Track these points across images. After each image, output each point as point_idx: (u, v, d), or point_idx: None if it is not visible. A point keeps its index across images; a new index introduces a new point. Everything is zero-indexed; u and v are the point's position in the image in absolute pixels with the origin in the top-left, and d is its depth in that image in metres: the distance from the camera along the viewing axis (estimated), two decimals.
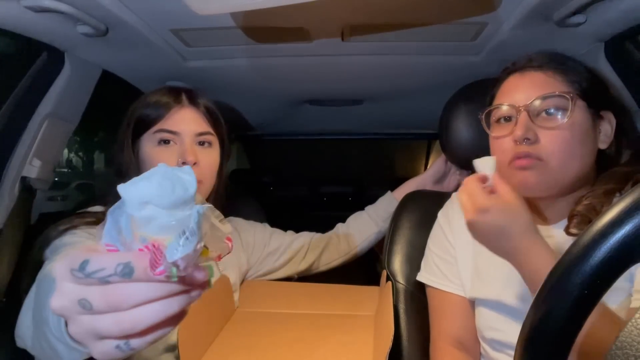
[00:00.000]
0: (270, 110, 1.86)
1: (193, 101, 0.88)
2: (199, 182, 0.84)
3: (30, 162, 1.01)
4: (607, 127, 0.72)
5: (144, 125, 0.85)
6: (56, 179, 1.17)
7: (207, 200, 0.91)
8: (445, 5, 0.87)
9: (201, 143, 0.87)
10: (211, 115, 0.90)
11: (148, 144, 0.85)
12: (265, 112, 1.90)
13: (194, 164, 0.83)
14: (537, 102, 0.69)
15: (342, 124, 2.16)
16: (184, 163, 0.83)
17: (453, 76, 1.21)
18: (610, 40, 0.93)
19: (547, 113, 0.69)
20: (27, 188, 1.01)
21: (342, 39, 1.04)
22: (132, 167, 0.85)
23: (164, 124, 0.84)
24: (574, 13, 0.83)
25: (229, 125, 0.96)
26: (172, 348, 0.82)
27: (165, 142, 0.84)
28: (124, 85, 1.28)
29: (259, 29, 0.99)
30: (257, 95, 1.60)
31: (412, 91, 1.52)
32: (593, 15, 0.85)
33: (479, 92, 0.89)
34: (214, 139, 0.90)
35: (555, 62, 0.72)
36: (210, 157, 0.88)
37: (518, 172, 0.70)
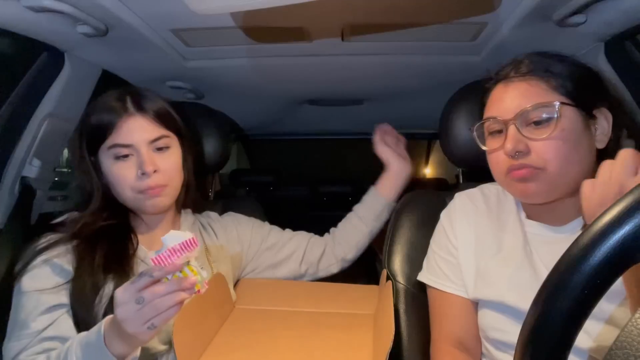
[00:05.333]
0: (270, 110, 1.86)
1: (140, 107, 0.85)
2: (165, 186, 0.85)
3: (30, 162, 1.01)
4: (604, 124, 0.71)
5: (95, 139, 0.84)
6: (56, 179, 1.16)
7: (180, 195, 0.92)
8: (445, 5, 0.87)
9: (158, 149, 0.86)
10: (161, 118, 0.87)
11: (106, 159, 0.84)
12: (265, 112, 1.90)
13: (155, 171, 0.83)
14: (523, 115, 0.69)
15: (342, 124, 2.16)
16: (143, 174, 0.82)
17: (453, 76, 1.21)
18: (610, 40, 0.93)
19: (535, 124, 0.69)
20: (27, 188, 1.01)
21: (342, 39, 1.04)
22: (95, 181, 0.86)
23: (115, 138, 0.83)
24: (574, 13, 0.84)
25: (231, 125, 0.95)
26: (170, 349, 0.82)
27: (123, 157, 0.83)
28: (124, 85, 1.28)
29: (258, 28, 0.99)
30: (257, 95, 1.60)
31: (412, 91, 1.52)
32: (593, 15, 0.85)
33: (479, 92, 0.89)
34: (170, 141, 0.88)
35: (539, 69, 0.71)
36: (170, 160, 0.87)
37: (517, 183, 0.71)
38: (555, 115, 0.67)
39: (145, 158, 0.82)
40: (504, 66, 0.76)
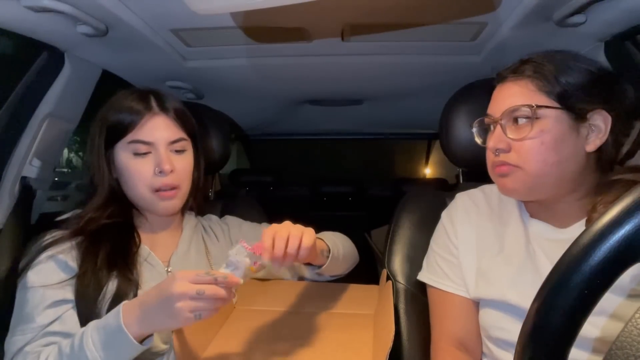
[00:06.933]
0: (271, 110, 1.86)
1: (163, 107, 0.87)
2: (178, 187, 0.86)
3: (30, 162, 1.01)
4: (600, 126, 0.70)
5: (116, 133, 0.85)
6: (56, 179, 1.16)
7: (190, 193, 0.93)
8: (445, 5, 0.87)
9: (176, 151, 0.88)
10: (181, 119, 0.90)
11: (123, 154, 0.85)
12: (266, 112, 1.90)
13: (171, 171, 0.85)
14: (507, 115, 0.72)
15: (343, 124, 2.17)
16: (160, 172, 0.84)
17: (453, 76, 1.21)
18: (610, 40, 0.93)
19: (515, 124, 0.72)
20: (27, 188, 1.01)
21: (342, 39, 1.04)
22: (105, 175, 0.86)
23: (137, 134, 0.84)
24: (574, 13, 0.84)
25: (231, 125, 0.95)
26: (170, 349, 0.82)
27: (142, 154, 0.84)
28: (124, 85, 1.28)
29: (259, 29, 0.99)
30: (257, 95, 1.60)
31: (412, 91, 1.53)
32: (593, 15, 0.85)
33: (479, 92, 0.89)
34: (187, 144, 0.90)
35: (530, 70, 0.72)
36: (185, 162, 0.90)
37: (498, 178, 0.75)
38: (532, 117, 0.69)
39: (163, 156, 0.84)
40: (508, 66, 0.77)
